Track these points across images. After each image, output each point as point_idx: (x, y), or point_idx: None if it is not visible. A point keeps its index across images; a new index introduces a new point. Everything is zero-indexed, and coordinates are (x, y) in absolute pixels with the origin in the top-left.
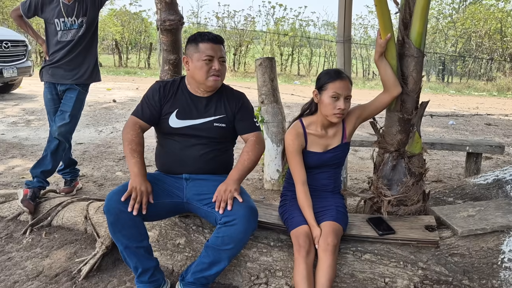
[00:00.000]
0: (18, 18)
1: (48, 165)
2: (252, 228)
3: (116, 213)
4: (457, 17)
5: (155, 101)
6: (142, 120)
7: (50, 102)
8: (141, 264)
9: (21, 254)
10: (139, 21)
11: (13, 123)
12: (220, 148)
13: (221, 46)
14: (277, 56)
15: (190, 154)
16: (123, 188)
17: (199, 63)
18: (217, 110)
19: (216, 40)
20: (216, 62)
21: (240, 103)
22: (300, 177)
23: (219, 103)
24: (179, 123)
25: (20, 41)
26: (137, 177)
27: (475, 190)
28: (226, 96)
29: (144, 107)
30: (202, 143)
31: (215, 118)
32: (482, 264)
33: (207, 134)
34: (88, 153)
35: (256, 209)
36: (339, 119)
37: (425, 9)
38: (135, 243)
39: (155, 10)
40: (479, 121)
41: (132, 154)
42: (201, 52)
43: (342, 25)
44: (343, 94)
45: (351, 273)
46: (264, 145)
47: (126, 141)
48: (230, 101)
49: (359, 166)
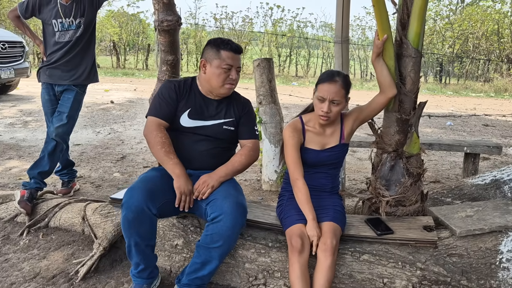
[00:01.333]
0: (15, 19)
1: (46, 166)
2: (239, 224)
3: (137, 211)
4: (455, 18)
5: (172, 99)
6: (163, 119)
7: (47, 103)
8: (145, 261)
9: (18, 255)
10: (137, 22)
11: (10, 124)
12: (224, 147)
13: (239, 56)
14: (275, 57)
15: (196, 150)
16: (143, 184)
17: (218, 70)
18: (227, 113)
19: (238, 50)
20: (234, 72)
21: (246, 109)
22: (297, 172)
23: (229, 106)
24: (190, 123)
25: (18, 42)
26: (180, 178)
27: (473, 191)
28: (235, 101)
29: (162, 105)
30: (210, 141)
31: (225, 121)
32: (480, 265)
33: (216, 136)
34: (86, 154)
35: (244, 206)
36: (324, 122)
37: (423, 9)
38: (146, 241)
39: (153, 11)
40: (476, 122)
41: (168, 156)
42: (222, 60)
43: (340, 26)
44: (328, 97)
45: (349, 273)
46: (258, 155)
47: (157, 144)
48: (238, 106)
49: (357, 167)
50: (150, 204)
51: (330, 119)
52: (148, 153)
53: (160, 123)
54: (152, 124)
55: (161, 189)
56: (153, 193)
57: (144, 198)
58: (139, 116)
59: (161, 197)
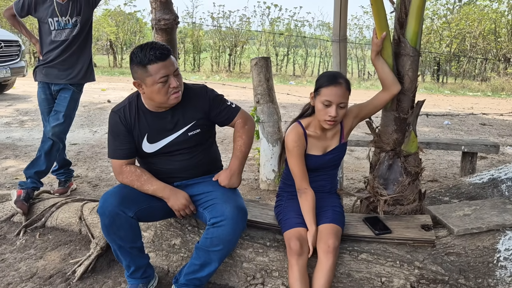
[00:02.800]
0: (11, 18)
1: (42, 166)
2: (240, 228)
3: (111, 216)
4: (452, 17)
5: (123, 133)
6: (125, 158)
7: (44, 102)
8: (134, 262)
9: (14, 255)
10: (134, 21)
11: (7, 123)
12: (202, 149)
13: (170, 58)
14: (272, 56)
15: (175, 167)
16: (119, 189)
17: (155, 87)
18: (185, 119)
19: (164, 56)
20: (172, 79)
21: (207, 99)
22: (306, 182)
23: (185, 110)
24: (153, 147)
25: (14, 41)
26: (169, 199)
27: (470, 190)
28: (189, 99)
29: (117, 145)
30: (184, 153)
31: (187, 128)
32: (478, 263)
33: (185, 145)
34: (83, 154)
35: (245, 209)
36: (331, 127)
37: (420, 8)
38: (129, 243)
39: (150, 10)
40: (474, 121)
41: (147, 186)
42: (154, 75)
43: (337, 24)
44: (335, 101)
45: (347, 272)
46: (253, 120)
47: (132, 183)
48: (195, 103)
49: (355, 166)
50: (124, 208)
51: (336, 123)
52: None
53: (123, 163)
54: (117, 167)
55: (140, 195)
56: (129, 198)
57: (118, 203)
58: None
59: (140, 202)
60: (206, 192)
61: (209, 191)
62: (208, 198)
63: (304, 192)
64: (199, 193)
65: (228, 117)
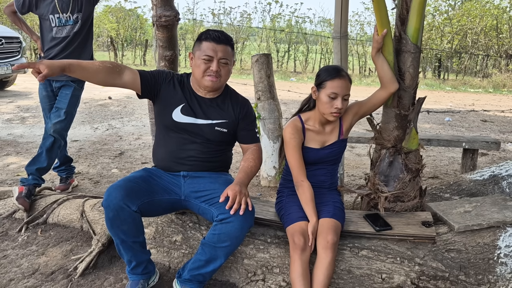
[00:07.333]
0: (12, 14)
1: (44, 163)
2: (248, 225)
3: (116, 209)
4: (453, 14)
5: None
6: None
7: (45, 99)
8: (136, 257)
9: (16, 252)
10: (135, 17)
11: (8, 120)
12: (218, 149)
13: (224, 46)
14: (273, 53)
15: (188, 153)
16: (124, 183)
17: (198, 61)
18: (220, 114)
19: (219, 40)
20: (215, 63)
21: (245, 111)
22: (302, 174)
23: (223, 106)
24: (182, 118)
25: (14, 38)
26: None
27: (471, 186)
28: (231, 100)
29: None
30: (201, 143)
31: (217, 122)
32: (479, 260)
33: (207, 136)
34: (84, 150)
35: (252, 206)
36: (336, 118)
37: (422, 4)
38: (132, 238)
39: (151, 6)
40: (475, 118)
41: None
42: (202, 51)
43: (338, 21)
44: (341, 93)
45: (348, 269)
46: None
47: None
48: (234, 107)
49: (356, 163)
50: (128, 202)
51: (340, 114)
52: (146, 149)
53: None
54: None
55: (144, 189)
56: (133, 192)
57: (122, 196)
58: (137, 112)
59: (144, 196)
60: (213, 189)
61: (215, 188)
62: (215, 194)
63: (300, 185)
64: (206, 189)
65: (249, 139)
